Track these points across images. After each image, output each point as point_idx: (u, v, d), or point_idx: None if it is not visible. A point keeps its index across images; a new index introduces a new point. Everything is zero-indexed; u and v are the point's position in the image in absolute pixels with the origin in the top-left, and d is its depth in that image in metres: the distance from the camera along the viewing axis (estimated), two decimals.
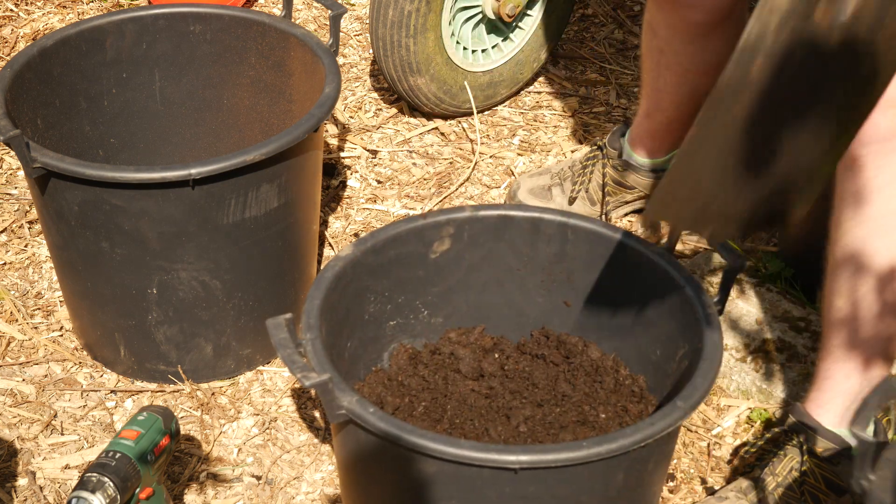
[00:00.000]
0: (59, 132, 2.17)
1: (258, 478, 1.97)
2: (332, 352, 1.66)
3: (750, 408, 2.09)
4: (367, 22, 3.04)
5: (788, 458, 1.84)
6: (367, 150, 2.70)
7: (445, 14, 2.60)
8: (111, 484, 1.60)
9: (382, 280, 1.81)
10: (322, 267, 2.14)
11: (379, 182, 2.61)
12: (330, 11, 2.13)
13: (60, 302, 2.29)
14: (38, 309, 2.28)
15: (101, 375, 2.15)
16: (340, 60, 2.98)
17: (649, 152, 2.38)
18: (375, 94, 2.88)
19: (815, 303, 2.22)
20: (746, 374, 2.11)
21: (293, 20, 2.24)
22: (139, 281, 2.00)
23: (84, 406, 2.09)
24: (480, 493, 1.50)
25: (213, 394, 2.12)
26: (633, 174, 2.39)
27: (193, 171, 1.86)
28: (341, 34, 3.05)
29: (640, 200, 2.45)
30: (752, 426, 2.06)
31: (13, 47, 2.98)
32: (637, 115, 2.36)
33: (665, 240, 1.82)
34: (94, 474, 1.60)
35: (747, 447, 1.93)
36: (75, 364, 2.17)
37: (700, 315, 1.66)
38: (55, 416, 2.07)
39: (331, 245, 2.44)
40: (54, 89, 2.15)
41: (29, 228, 2.47)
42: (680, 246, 2.42)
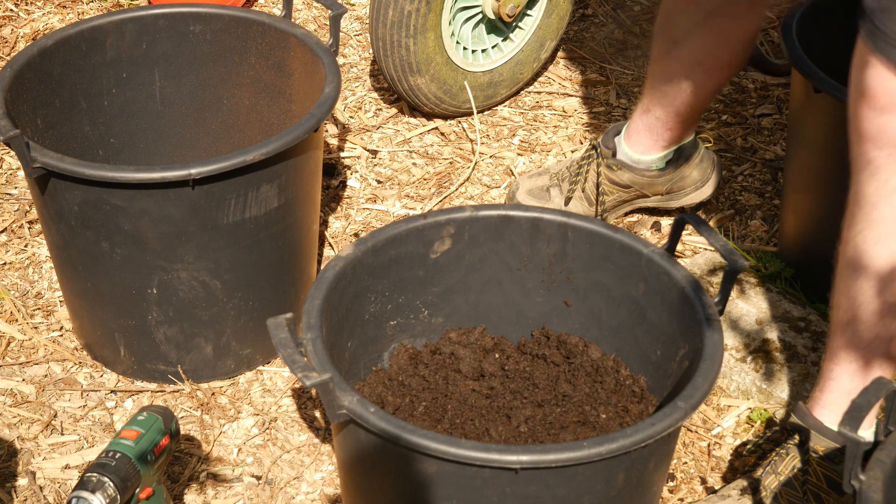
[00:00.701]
0: (59, 132, 2.17)
1: (258, 478, 1.97)
2: (332, 352, 1.66)
3: (750, 408, 2.09)
4: (367, 22, 3.04)
5: (790, 457, 1.84)
6: (367, 150, 2.70)
7: (445, 14, 2.60)
8: (111, 484, 1.60)
9: (383, 280, 1.81)
10: (322, 267, 2.14)
11: (379, 182, 2.61)
12: (330, 11, 2.13)
13: (60, 302, 2.29)
14: (38, 309, 2.28)
15: (101, 375, 2.15)
16: (340, 60, 2.98)
17: (645, 149, 2.37)
18: (375, 94, 2.87)
19: (815, 303, 2.22)
20: (746, 374, 2.11)
21: (293, 20, 2.24)
22: (139, 281, 2.00)
23: (84, 406, 2.09)
24: (481, 493, 1.50)
25: (213, 394, 2.12)
26: (627, 172, 2.39)
27: (193, 171, 1.86)
28: (341, 34, 3.05)
29: (638, 199, 2.45)
30: (752, 426, 2.06)
31: (13, 47, 2.98)
32: (635, 111, 2.36)
33: (665, 240, 1.81)
34: (94, 474, 1.60)
35: (749, 446, 1.93)
36: (75, 364, 2.17)
37: (700, 315, 1.66)
38: (55, 416, 2.07)
39: (331, 245, 2.44)
40: (54, 89, 2.15)
41: (29, 228, 2.47)
42: (680, 246, 2.42)
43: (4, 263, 2.38)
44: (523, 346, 1.90)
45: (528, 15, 2.77)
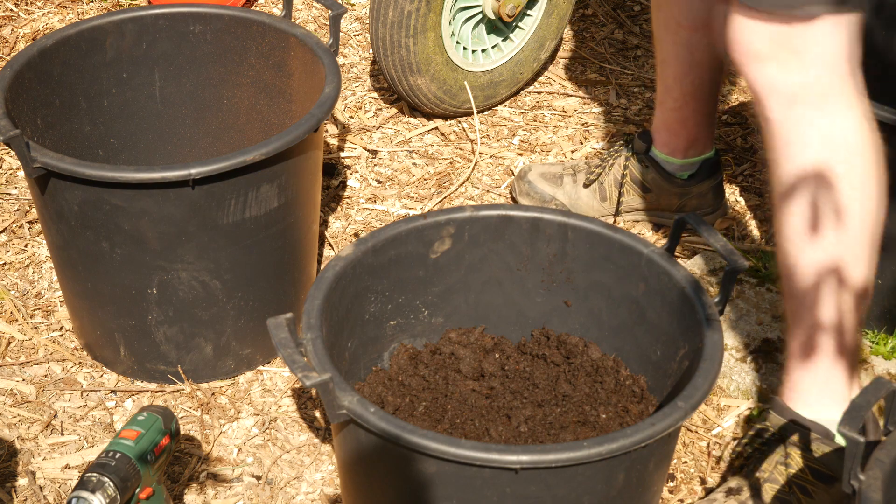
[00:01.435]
0: (59, 132, 2.17)
1: (258, 478, 1.97)
2: (332, 352, 1.66)
3: (750, 408, 2.09)
4: (367, 22, 3.04)
5: (775, 452, 1.84)
6: (367, 150, 2.70)
7: (445, 14, 2.60)
8: (111, 484, 1.60)
9: (383, 280, 1.81)
10: (322, 267, 2.14)
11: (379, 182, 2.61)
12: (330, 11, 2.13)
13: (60, 302, 2.29)
14: (38, 309, 2.28)
15: (101, 375, 2.15)
16: (340, 60, 2.98)
17: (668, 148, 2.38)
18: (375, 94, 2.88)
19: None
20: (746, 374, 2.11)
21: (293, 20, 2.24)
22: (139, 281, 2.00)
23: (84, 406, 2.09)
24: (481, 493, 1.50)
25: (213, 394, 2.12)
26: (653, 172, 2.40)
27: (193, 171, 1.86)
28: (341, 34, 3.05)
29: (649, 212, 2.45)
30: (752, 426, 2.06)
31: (13, 47, 2.98)
32: (654, 107, 2.38)
33: (665, 240, 1.82)
34: (94, 474, 1.60)
35: (737, 445, 1.93)
36: (75, 364, 2.17)
37: (700, 315, 1.66)
38: (55, 416, 2.07)
39: (331, 245, 2.44)
40: (54, 89, 2.15)
41: (29, 228, 2.47)
42: (680, 246, 2.42)
43: (4, 263, 2.38)
44: (523, 346, 1.90)
45: (528, 15, 2.77)
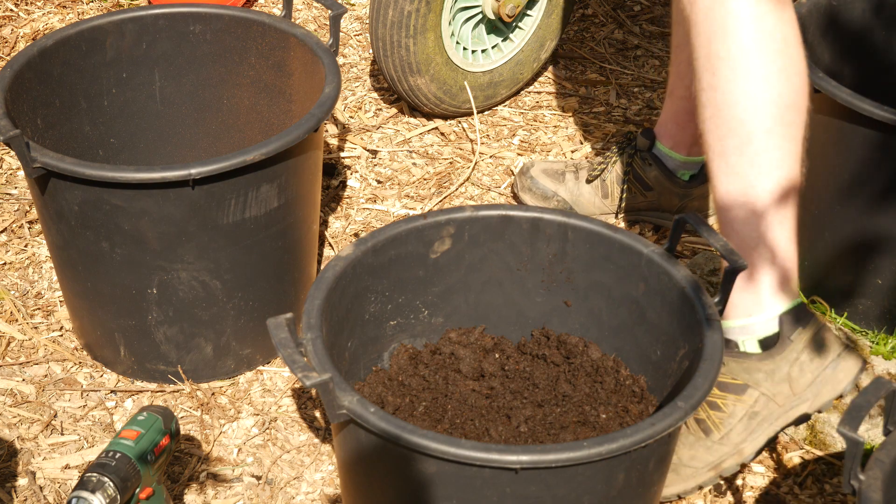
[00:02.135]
0: (59, 132, 2.17)
1: (258, 478, 1.97)
2: (332, 351, 1.66)
3: None
4: (367, 22, 3.04)
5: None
6: (367, 150, 2.70)
7: (445, 14, 2.60)
8: (111, 484, 1.60)
9: (383, 280, 1.81)
10: (322, 267, 2.15)
11: (379, 182, 2.61)
12: (330, 11, 2.13)
13: (60, 302, 2.29)
14: (38, 309, 2.28)
15: (101, 375, 2.16)
16: (340, 60, 2.98)
17: (672, 142, 2.37)
18: (375, 94, 2.88)
19: (815, 302, 2.22)
20: None
21: (293, 20, 2.24)
22: (139, 281, 2.00)
23: (84, 406, 2.09)
24: (481, 493, 1.50)
25: (213, 394, 2.12)
26: (655, 170, 2.39)
27: (193, 171, 1.86)
28: (341, 34, 3.05)
29: (649, 212, 2.45)
30: None
31: (13, 47, 2.98)
32: (665, 99, 2.37)
33: (665, 240, 1.82)
34: (94, 474, 1.60)
35: None
36: (75, 364, 2.17)
37: (700, 315, 1.66)
38: (55, 416, 2.07)
39: (331, 245, 2.44)
40: (54, 89, 2.15)
41: (29, 228, 2.47)
42: (680, 246, 2.42)
43: (4, 263, 2.38)
44: (523, 346, 1.90)
45: (528, 15, 2.77)
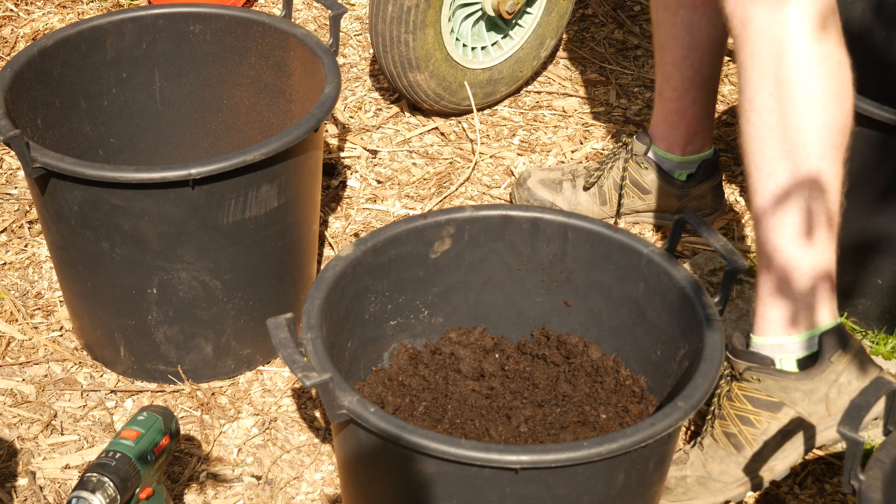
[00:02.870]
0: (59, 132, 2.17)
1: (258, 478, 1.97)
2: (332, 352, 1.66)
3: None
4: (367, 20, 3.05)
5: (721, 389, 1.86)
6: (367, 150, 2.70)
7: (445, 10, 2.59)
8: (111, 484, 1.60)
9: (383, 280, 1.81)
10: (322, 267, 2.15)
11: (379, 182, 2.61)
12: (330, 11, 2.13)
13: (60, 302, 2.29)
14: (38, 309, 2.28)
15: (101, 375, 2.16)
16: (340, 60, 2.98)
17: (667, 143, 2.37)
18: (375, 94, 2.88)
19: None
20: None
21: (293, 20, 2.24)
22: (139, 281, 2.00)
23: (84, 406, 2.09)
24: (481, 493, 1.50)
25: (213, 394, 2.12)
26: (652, 173, 2.39)
27: (193, 171, 1.86)
28: (341, 34, 3.05)
29: (649, 213, 2.45)
30: None
31: (13, 47, 2.98)
32: (654, 101, 2.37)
33: (665, 240, 1.82)
34: (94, 474, 1.60)
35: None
36: (75, 364, 2.17)
37: (700, 315, 1.66)
38: (55, 416, 2.07)
39: (331, 245, 2.44)
40: (54, 89, 2.15)
41: (29, 228, 2.47)
42: (680, 246, 2.42)
43: (4, 263, 2.38)
44: (523, 346, 1.90)
45: (528, 12, 2.77)
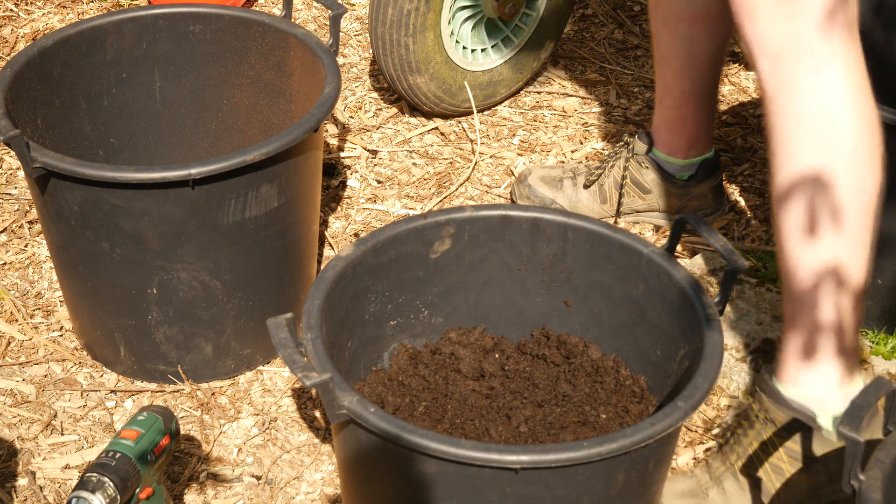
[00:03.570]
0: (59, 132, 2.17)
1: (258, 478, 1.97)
2: (332, 352, 1.66)
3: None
4: (367, 21, 3.04)
5: (755, 429, 1.84)
6: (367, 150, 2.70)
7: (445, 13, 2.60)
8: (111, 484, 1.60)
9: (383, 280, 1.81)
10: (322, 267, 2.15)
11: (379, 182, 2.61)
12: (330, 11, 2.13)
13: (60, 302, 2.29)
14: (38, 309, 2.28)
15: (101, 375, 2.15)
16: (340, 60, 2.98)
17: (669, 148, 2.37)
18: (375, 94, 2.88)
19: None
20: (746, 374, 2.11)
21: (293, 20, 2.24)
22: (139, 281, 2.00)
23: (84, 406, 2.09)
24: (481, 493, 1.50)
25: (213, 394, 2.12)
26: (653, 173, 2.39)
27: (193, 171, 1.86)
28: (341, 34, 3.05)
29: (649, 213, 2.45)
30: None
31: (13, 47, 2.98)
32: (655, 106, 2.37)
33: (665, 240, 1.81)
34: (94, 474, 1.60)
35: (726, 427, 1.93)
36: (75, 364, 2.17)
37: (700, 315, 1.66)
38: (55, 416, 2.07)
39: (331, 245, 2.44)
40: (54, 89, 2.15)
41: (29, 228, 2.47)
42: (680, 246, 2.42)
43: (4, 263, 2.38)
44: (523, 346, 1.90)
45: (528, 14, 2.77)
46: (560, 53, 3.01)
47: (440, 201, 2.56)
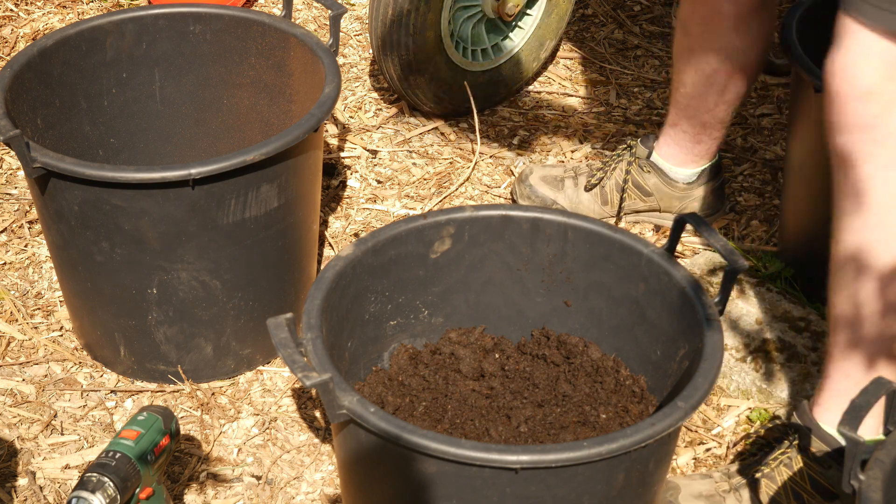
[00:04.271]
0: (59, 132, 2.17)
1: (258, 478, 1.97)
2: (332, 352, 1.66)
3: (750, 408, 2.09)
4: (367, 21, 3.04)
5: (781, 452, 1.84)
6: (367, 150, 2.70)
7: (445, 13, 2.59)
8: (111, 484, 1.60)
9: (383, 280, 1.81)
10: (322, 267, 2.15)
11: (379, 182, 2.61)
12: (330, 11, 2.13)
13: (60, 302, 2.29)
14: (38, 309, 2.28)
15: (101, 375, 2.15)
16: (340, 60, 2.98)
17: (677, 161, 2.38)
18: (375, 94, 2.88)
19: (815, 303, 2.22)
20: (746, 374, 2.11)
21: (293, 20, 2.24)
22: (139, 281, 2.00)
23: (84, 406, 2.09)
24: (481, 493, 1.50)
25: (213, 394, 2.12)
26: (655, 177, 2.39)
27: (193, 170, 1.86)
28: (341, 34, 3.05)
29: (650, 213, 2.45)
30: (753, 426, 2.06)
31: (13, 47, 2.98)
32: (665, 123, 2.36)
33: (665, 240, 1.81)
34: (94, 474, 1.60)
35: (748, 438, 1.93)
36: (75, 364, 2.17)
37: (700, 315, 1.66)
38: (55, 416, 2.07)
39: (331, 245, 2.44)
40: (54, 89, 2.15)
41: (29, 228, 2.47)
42: (680, 246, 2.42)
43: (4, 263, 2.38)
44: (523, 346, 1.90)
45: (528, 14, 2.77)
46: (560, 53, 3.01)
47: (440, 201, 2.56)
